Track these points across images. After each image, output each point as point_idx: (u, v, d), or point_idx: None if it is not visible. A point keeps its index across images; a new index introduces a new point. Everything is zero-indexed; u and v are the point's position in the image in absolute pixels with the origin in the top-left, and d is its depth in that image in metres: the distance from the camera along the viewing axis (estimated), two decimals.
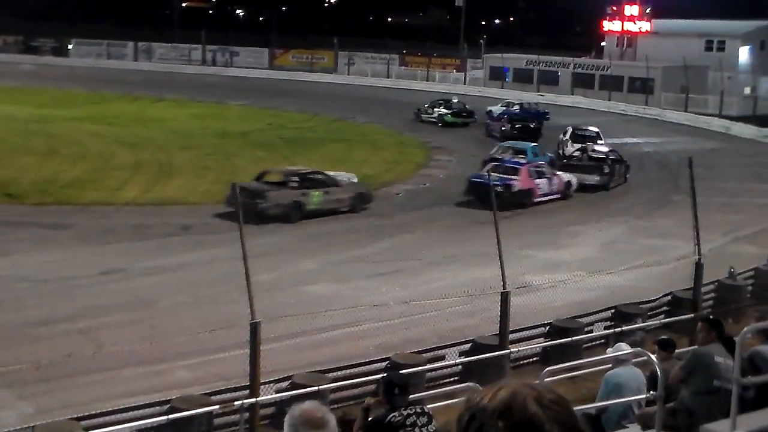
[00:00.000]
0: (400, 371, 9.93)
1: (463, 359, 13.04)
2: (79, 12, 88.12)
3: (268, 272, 16.73)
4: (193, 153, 33.22)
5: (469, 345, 13.39)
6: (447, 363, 12.96)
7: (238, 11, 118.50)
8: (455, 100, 48.25)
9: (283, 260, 19.12)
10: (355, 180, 27.46)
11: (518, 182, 26.18)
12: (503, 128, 40.23)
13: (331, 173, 25.86)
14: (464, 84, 68.48)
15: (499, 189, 22.52)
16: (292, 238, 21.75)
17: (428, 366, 12.45)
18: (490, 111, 45.87)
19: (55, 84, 57.11)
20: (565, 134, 37.50)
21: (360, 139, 39.27)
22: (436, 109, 46.39)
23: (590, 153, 31.10)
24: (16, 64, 65.00)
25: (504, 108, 46.20)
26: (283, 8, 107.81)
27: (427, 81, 70.10)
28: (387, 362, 12.38)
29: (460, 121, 45.39)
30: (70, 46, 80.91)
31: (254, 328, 11.27)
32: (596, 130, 37.10)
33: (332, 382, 11.77)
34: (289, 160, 32.18)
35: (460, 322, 14.99)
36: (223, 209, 22.31)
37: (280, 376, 11.95)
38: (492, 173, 23.93)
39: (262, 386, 11.41)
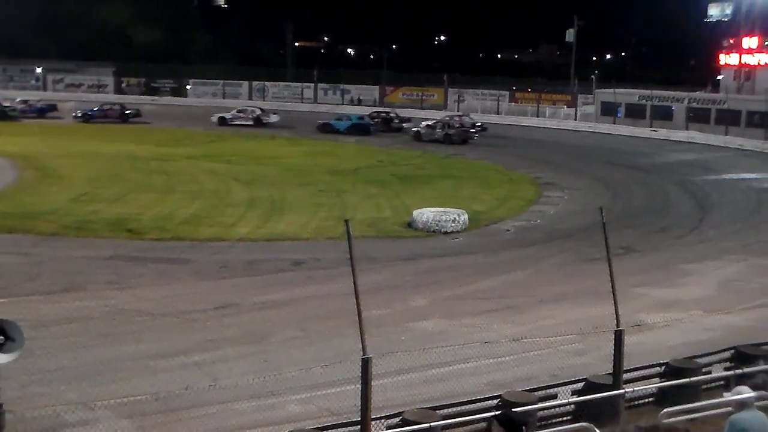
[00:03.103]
0: (513, 409, 9.82)
1: (576, 398, 12.80)
2: (197, 54, 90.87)
3: (378, 308, 16.82)
4: (305, 190, 33.78)
5: (581, 384, 13.14)
6: (559, 402, 12.73)
7: (349, 50, 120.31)
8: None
9: (393, 296, 19.18)
10: (465, 217, 27.46)
11: None
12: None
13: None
14: (575, 120, 67.84)
15: None
16: (402, 275, 21.83)
17: (540, 405, 12.27)
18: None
19: (174, 123, 59.06)
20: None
21: (470, 176, 39.28)
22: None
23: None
24: (138, 105, 67.29)
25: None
26: (394, 46, 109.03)
27: (537, 117, 69.73)
28: (498, 400, 12.25)
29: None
30: (188, 87, 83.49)
31: (365, 364, 11.30)
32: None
33: (443, 419, 11.70)
34: (399, 197, 32.41)
35: (571, 360, 14.75)
36: (335, 245, 22.58)
37: (391, 412, 11.95)
38: None
39: (372, 422, 11.42)
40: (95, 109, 62.20)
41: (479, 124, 58.80)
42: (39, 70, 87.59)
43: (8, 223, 25.08)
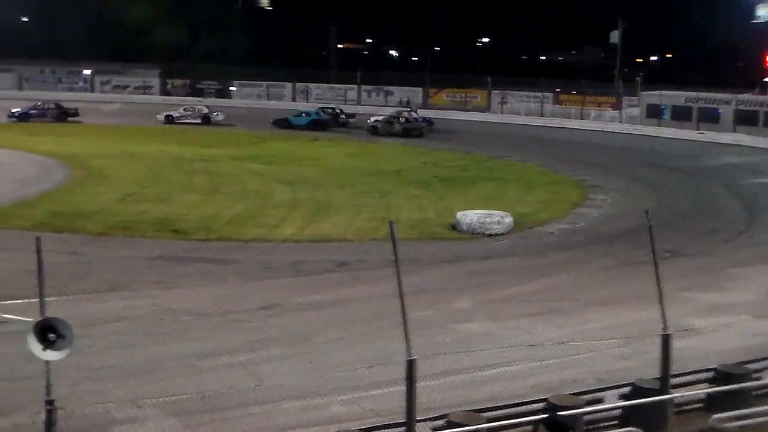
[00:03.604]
0: (559, 413, 9.76)
1: (623, 403, 12.68)
2: (242, 56, 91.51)
3: (422, 310, 16.78)
4: (348, 191, 33.87)
5: (629, 388, 13.02)
6: (607, 406, 12.62)
7: (392, 51, 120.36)
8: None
9: (437, 298, 19.15)
10: (509, 219, 27.37)
11: None
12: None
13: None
14: (620, 122, 67.27)
15: None
16: (446, 277, 21.81)
17: (587, 408, 12.17)
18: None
19: (217, 125, 59.62)
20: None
21: (514, 178, 39.13)
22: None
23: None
24: (183, 106, 67.76)
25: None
26: (436, 48, 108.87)
27: (581, 119, 69.23)
28: (544, 403, 12.18)
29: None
30: (232, 88, 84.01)
31: (410, 365, 11.28)
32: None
33: (488, 422, 11.66)
34: (443, 199, 32.35)
35: (617, 364, 14.63)
36: (378, 246, 22.61)
37: (436, 414, 11.93)
38: None
39: (417, 424, 11.41)
40: (32, 109, 61.13)
41: (427, 118, 61.59)
42: (87, 72, 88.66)
43: (58, 223, 25.45)
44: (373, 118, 60.43)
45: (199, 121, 61.91)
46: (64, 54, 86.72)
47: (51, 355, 10.10)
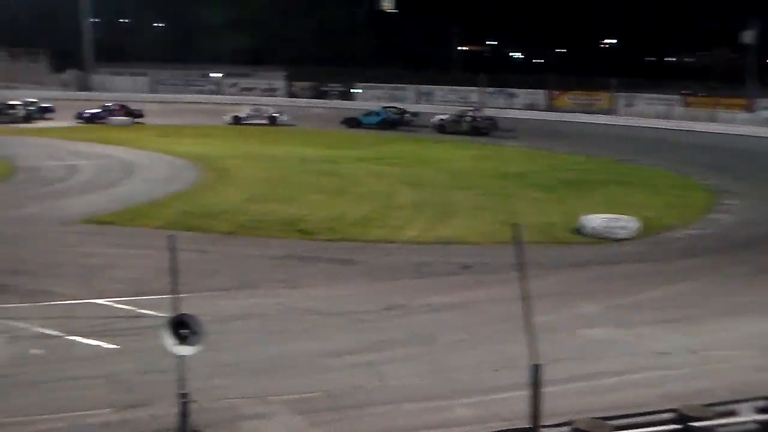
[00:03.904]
0: (690, 423, 9.51)
1: (760, 416, 12.25)
2: (365, 58, 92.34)
3: (545, 314, 16.62)
4: (471, 193, 33.78)
5: (765, 402, 12.57)
6: (742, 419, 12.23)
7: (515, 54, 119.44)
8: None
9: (561, 303, 18.92)
10: (636, 224, 26.82)
11: None
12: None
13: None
14: (753, 125, 65.08)
15: None
16: (572, 281, 21.52)
17: (721, 420, 11.81)
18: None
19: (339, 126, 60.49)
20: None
21: (640, 182, 38.30)
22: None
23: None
24: (309, 108, 68.95)
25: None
26: (560, 50, 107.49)
27: (711, 122, 67.27)
28: (674, 413, 11.88)
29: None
30: (355, 90, 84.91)
31: (535, 370, 11.19)
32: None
33: (615, 430, 11.46)
34: (566, 203, 31.94)
35: (753, 376, 14.16)
36: (502, 249, 22.47)
37: (561, 421, 11.79)
38: None
39: (542, 429, 11.31)
40: (102, 111, 61.84)
41: (491, 117, 61.99)
42: (216, 75, 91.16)
43: (190, 222, 26.21)
44: (437, 117, 61.65)
45: (265, 121, 62.84)
46: (196, 57, 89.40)
47: (183, 349, 10.46)
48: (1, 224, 25.64)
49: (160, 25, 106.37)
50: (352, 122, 62.60)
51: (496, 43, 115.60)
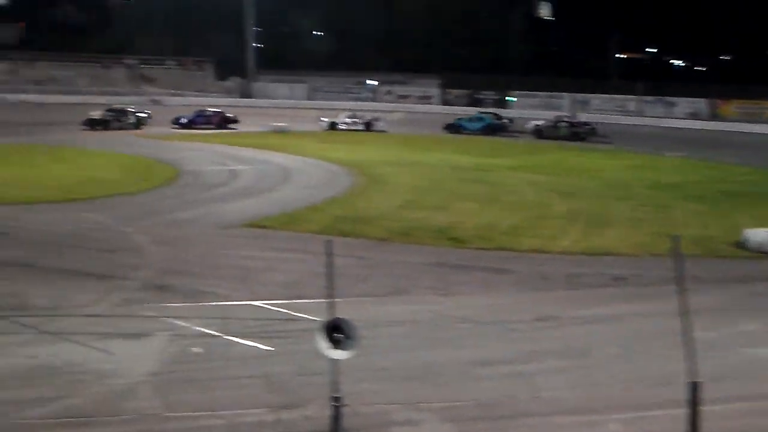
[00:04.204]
0: None
1: None
2: (520, 65, 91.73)
3: (704, 330, 15.99)
4: (626, 204, 33.02)
5: None
6: None
7: (676, 61, 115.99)
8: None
9: (722, 318, 18.21)
10: None
11: None
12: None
13: None
14: None
15: None
16: (734, 297, 20.74)
17: None
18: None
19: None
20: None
21: None
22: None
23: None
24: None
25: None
26: (724, 57, 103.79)
27: None
28: None
29: None
30: (510, 98, 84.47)
31: (694, 388, 10.85)
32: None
33: None
34: (727, 216, 30.78)
35: None
36: (658, 262, 21.90)
37: None
38: None
39: None
40: (197, 116, 62.97)
41: (588, 123, 63.22)
42: (372, 82, 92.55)
43: (345, 227, 26.64)
44: (533, 122, 63.30)
45: (361, 127, 63.14)
46: (353, 65, 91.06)
47: (338, 353, 10.64)
48: (165, 227, 26.74)
49: (319, 33, 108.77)
50: (454, 128, 63.33)
51: (656, 50, 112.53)
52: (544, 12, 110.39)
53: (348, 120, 64.20)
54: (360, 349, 10.90)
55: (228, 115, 63.30)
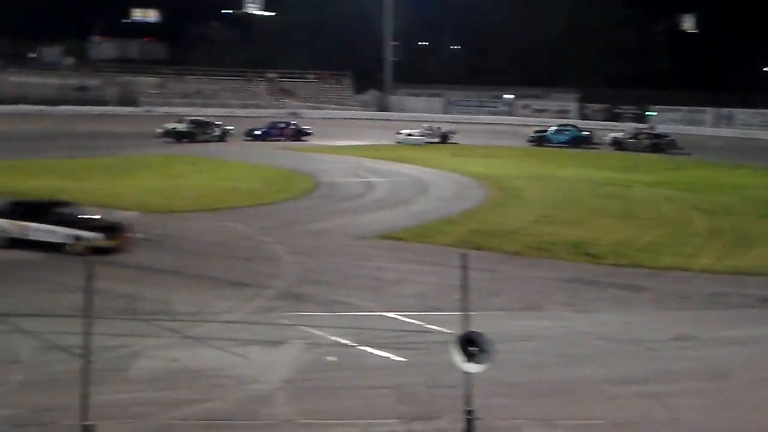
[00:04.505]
0: None
1: None
2: (662, 80, 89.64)
3: None
4: None
5: None
6: None
7: None
8: None
9: None
10: None
11: None
12: None
13: None
14: None
15: None
16: None
17: None
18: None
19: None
20: None
21: None
22: None
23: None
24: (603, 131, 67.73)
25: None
26: None
27: None
28: None
29: None
30: (650, 113, 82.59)
31: None
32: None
33: None
34: None
35: None
36: None
37: None
38: None
39: None
40: (272, 128, 62.69)
41: (667, 134, 62.79)
42: (508, 96, 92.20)
43: (478, 240, 26.61)
44: (611, 134, 63.38)
45: (437, 140, 62.23)
46: (489, 79, 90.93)
47: (472, 366, 10.67)
48: (303, 237, 27.30)
49: (456, 47, 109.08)
50: (540, 140, 62.90)
51: None
52: (687, 24, 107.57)
53: (421, 132, 63.35)
54: (492, 363, 10.89)
55: (302, 127, 63.88)
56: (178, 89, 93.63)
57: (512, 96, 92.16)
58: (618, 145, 61.42)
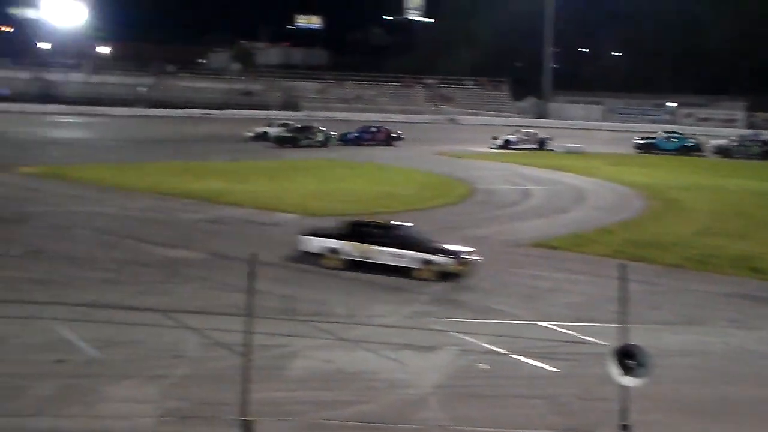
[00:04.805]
0: None
1: None
2: None
3: None
4: None
5: None
6: None
7: None
8: None
9: None
10: None
11: None
12: None
13: None
14: None
15: None
16: None
17: None
18: None
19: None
20: None
21: None
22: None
23: None
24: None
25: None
26: None
27: None
28: None
29: None
30: None
31: None
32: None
33: None
34: None
35: None
36: None
37: None
38: None
39: None
40: (364, 133, 61.80)
41: None
42: (671, 104, 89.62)
43: (636, 252, 25.95)
44: (714, 141, 62.23)
45: (535, 146, 61.20)
46: (651, 87, 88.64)
47: (629, 380, 10.46)
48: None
49: (617, 53, 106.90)
50: (648, 146, 62.10)
51: None
52: None
53: (523, 137, 62.54)
54: (650, 378, 10.66)
55: (393, 132, 63.15)
56: (339, 94, 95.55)
57: (675, 104, 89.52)
58: (725, 152, 60.29)
